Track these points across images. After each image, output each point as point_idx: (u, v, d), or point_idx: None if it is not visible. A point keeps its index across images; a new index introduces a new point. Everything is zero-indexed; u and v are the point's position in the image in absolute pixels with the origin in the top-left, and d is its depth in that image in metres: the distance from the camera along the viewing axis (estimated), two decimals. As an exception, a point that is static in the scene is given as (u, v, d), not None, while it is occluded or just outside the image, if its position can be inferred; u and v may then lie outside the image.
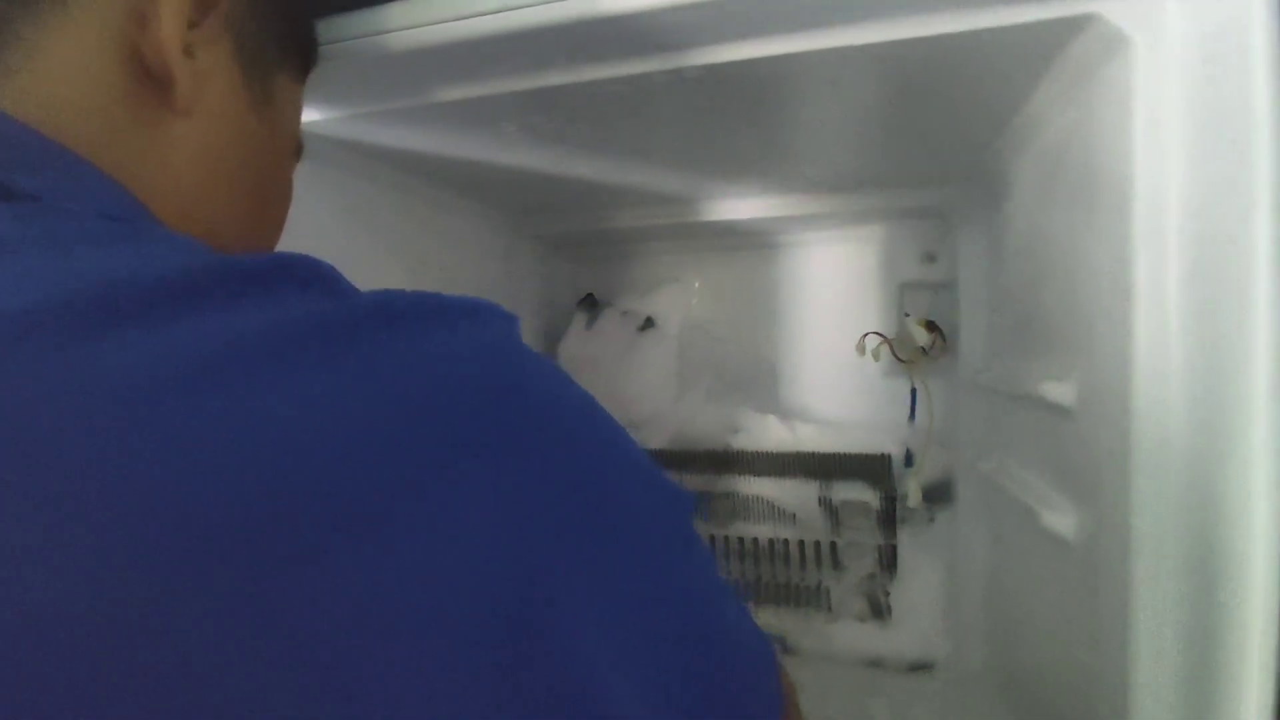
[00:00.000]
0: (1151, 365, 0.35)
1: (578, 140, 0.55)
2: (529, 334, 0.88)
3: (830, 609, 0.77)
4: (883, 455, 0.76)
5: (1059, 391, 0.44)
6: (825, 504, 0.77)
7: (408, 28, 0.40)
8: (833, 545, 0.77)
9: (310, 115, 0.51)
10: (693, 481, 0.81)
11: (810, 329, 0.85)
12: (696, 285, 0.88)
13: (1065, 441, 0.45)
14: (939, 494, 0.75)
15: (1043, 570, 0.51)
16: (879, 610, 0.75)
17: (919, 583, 0.73)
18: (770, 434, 0.81)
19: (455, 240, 0.75)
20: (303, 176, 0.55)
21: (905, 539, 0.75)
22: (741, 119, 0.51)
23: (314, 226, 0.56)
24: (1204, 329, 0.33)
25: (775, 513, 0.79)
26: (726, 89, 0.45)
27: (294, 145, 0.38)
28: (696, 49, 0.40)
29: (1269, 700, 0.32)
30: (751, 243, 0.85)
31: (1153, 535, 0.35)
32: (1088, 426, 0.41)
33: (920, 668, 0.70)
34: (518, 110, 0.49)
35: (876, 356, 0.75)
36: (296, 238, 0.54)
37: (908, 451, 0.76)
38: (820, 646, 0.73)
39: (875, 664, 0.72)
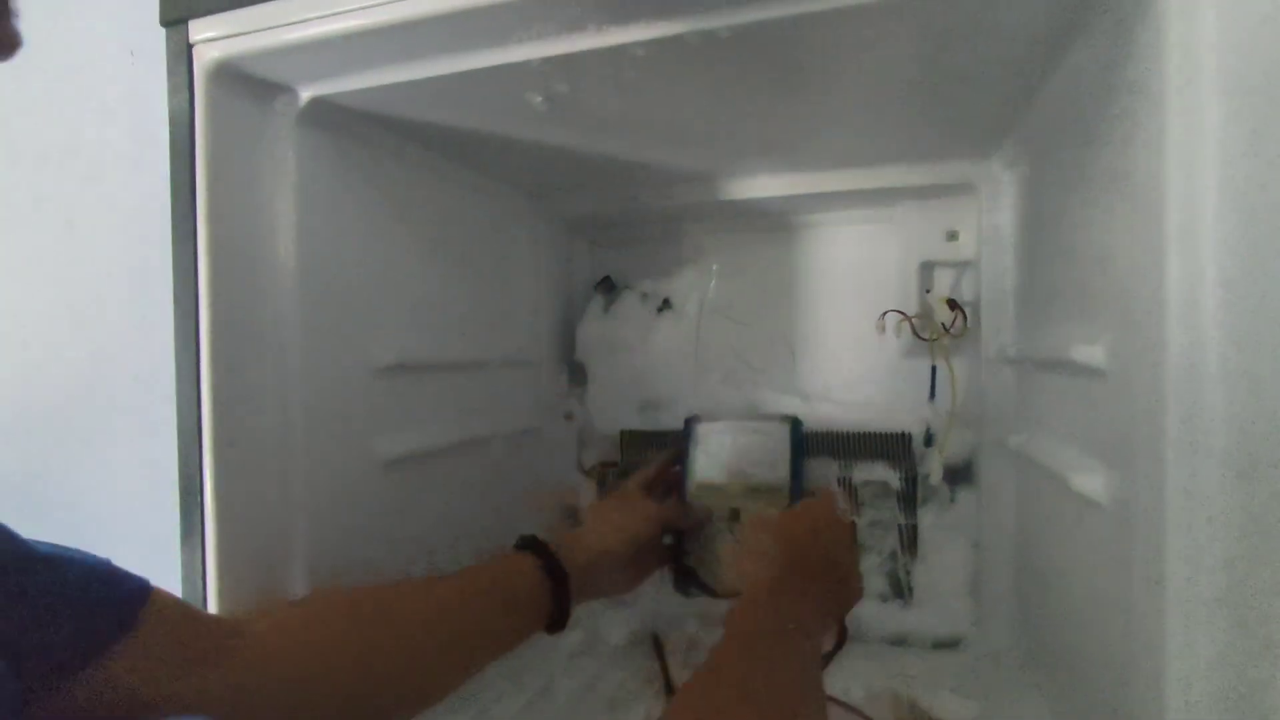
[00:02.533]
0: (1186, 318, 0.34)
1: (603, 112, 0.55)
2: (548, 315, 0.88)
3: (851, 589, 0.76)
4: (903, 434, 0.75)
5: (1090, 353, 0.44)
6: (845, 484, 0.77)
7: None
8: (853, 525, 0.76)
9: (329, 86, 0.51)
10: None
11: (829, 309, 0.84)
12: (715, 267, 0.88)
13: (1097, 404, 0.45)
14: (961, 473, 0.74)
15: (1073, 539, 0.50)
16: (900, 590, 0.75)
17: (942, 562, 0.73)
18: (790, 414, 0.81)
19: (475, 219, 0.76)
20: (320, 148, 0.55)
21: (927, 518, 0.75)
22: (770, 87, 0.51)
23: (331, 200, 0.57)
24: (1241, 281, 0.33)
25: (795, 493, 0.79)
26: (756, 53, 0.45)
27: None
28: (731, 9, 0.40)
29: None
30: (771, 223, 0.85)
31: (1189, 494, 0.34)
32: (1120, 386, 0.41)
33: (945, 645, 0.70)
34: (544, 79, 0.49)
35: (899, 334, 0.74)
36: (313, 212, 0.54)
37: (928, 430, 0.76)
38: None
39: (899, 643, 0.71)
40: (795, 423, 0.72)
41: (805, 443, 0.72)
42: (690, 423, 0.76)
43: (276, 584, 0.52)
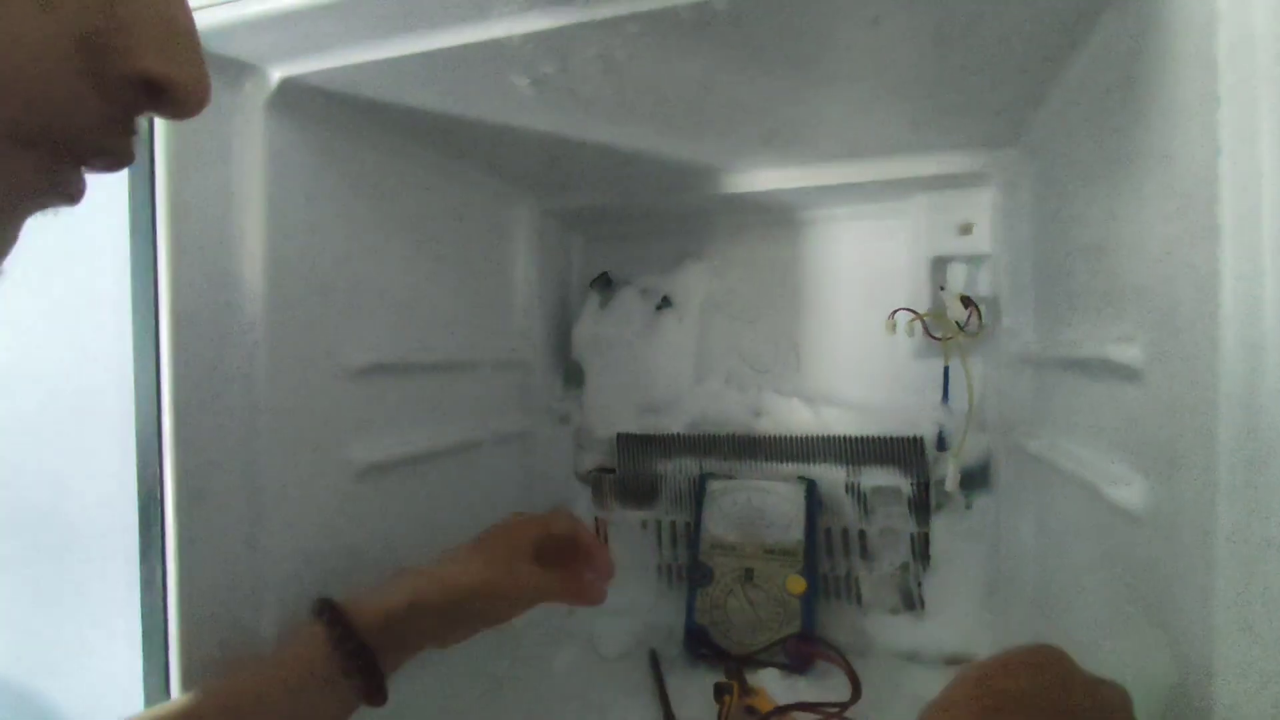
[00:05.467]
0: (1242, 314, 0.30)
1: (594, 98, 0.51)
2: (541, 313, 0.85)
3: (861, 601, 0.73)
4: (915, 438, 0.72)
5: (1125, 352, 0.40)
6: (853, 491, 0.73)
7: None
8: (862, 534, 0.73)
9: (301, 65, 0.47)
10: (714, 467, 0.77)
11: (837, 307, 0.81)
12: (717, 262, 0.84)
13: (1131, 407, 0.41)
14: (977, 479, 0.70)
15: (1104, 553, 0.47)
16: (911, 602, 0.71)
17: (956, 573, 0.69)
18: (795, 417, 0.77)
19: (463, 212, 0.72)
20: (293, 135, 0.51)
21: (940, 527, 0.71)
22: (771, 69, 0.47)
23: (304, 191, 0.53)
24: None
25: (801, 500, 0.75)
26: (755, 30, 0.41)
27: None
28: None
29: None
30: (775, 218, 0.81)
31: (1243, 508, 0.30)
32: (1161, 388, 0.37)
33: (960, 661, 0.66)
34: (528, 59, 0.45)
35: (910, 332, 0.70)
36: (284, 204, 0.51)
37: (940, 434, 0.72)
38: (852, 640, 0.69)
39: (911, 658, 0.67)
40: (810, 484, 0.72)
41: (821, 504, 0.73)
42: (704, 479, 0.75)
43: (241, 602, 0.48)
